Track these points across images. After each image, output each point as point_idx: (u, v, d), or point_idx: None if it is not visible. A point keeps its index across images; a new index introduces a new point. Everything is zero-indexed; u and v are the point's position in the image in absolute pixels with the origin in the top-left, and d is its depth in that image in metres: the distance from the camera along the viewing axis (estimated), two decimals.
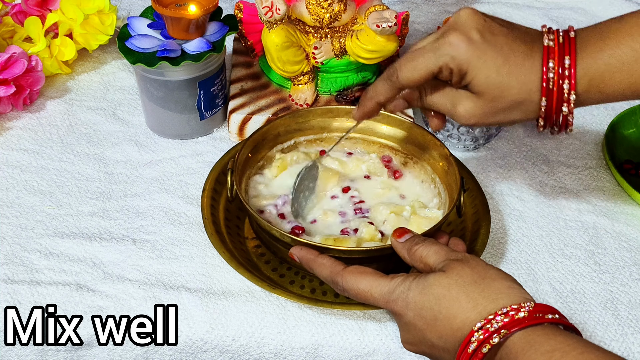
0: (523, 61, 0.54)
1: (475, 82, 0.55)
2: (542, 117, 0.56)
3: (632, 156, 0.82)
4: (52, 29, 0.87)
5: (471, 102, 0.57)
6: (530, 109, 0.56)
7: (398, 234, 0.58)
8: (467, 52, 0.54)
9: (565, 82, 0.54)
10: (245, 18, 0.81)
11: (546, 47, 0.55)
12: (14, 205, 0.71)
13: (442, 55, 0.55)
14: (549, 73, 0.54)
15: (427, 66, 0.56)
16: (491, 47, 0.54)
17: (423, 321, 0.51)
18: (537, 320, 0.47)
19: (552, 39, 0.55)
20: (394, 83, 0.58)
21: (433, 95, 0.60)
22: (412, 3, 1.10)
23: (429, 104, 0.60)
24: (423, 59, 0.56)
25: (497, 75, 0.54)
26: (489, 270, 0.52)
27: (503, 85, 0.55)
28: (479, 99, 0.56)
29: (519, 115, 0.57)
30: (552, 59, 0.54)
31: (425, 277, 0.52)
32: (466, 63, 0.55)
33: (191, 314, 0.62)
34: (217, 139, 0.81)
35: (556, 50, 0.54)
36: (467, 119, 0.57)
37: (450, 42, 0.55)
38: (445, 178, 0.68)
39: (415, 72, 0.57)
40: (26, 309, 0.61)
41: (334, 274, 0.56)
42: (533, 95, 0.55)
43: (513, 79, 0.55)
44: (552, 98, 0.55)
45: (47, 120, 0.83)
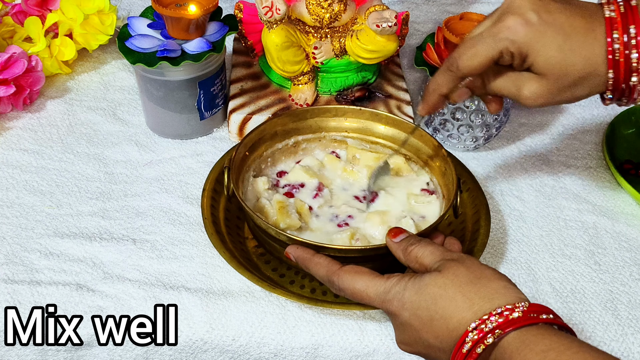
0: (585, 36, 0.54)
1: (538, 63, 0.55)
2: (610, 90, 0.55)
3: (632, 156, 0.82)
4: (52, 29, 0.87)
5: (536, 83, 0.56)
6: (596, 82, 0.55)
7: (393, 234, 0.58)
8: (526, 34, 0.54)
9: (633, 51, 0.53)
10: (245, 18, 0.81)
11: (608, 18, 0.54)
12: (14, 205, 0.71)
13: (501, 39, 0.55)
14: (614, 44, 0.53)
15: (487, 52, 0.55)
16: (550, 26, 0.54)
17: (419, 321, 0.51)
18: (531, 320, 0.47)
19: (613, 10, 0.54)
20: (454, 73, 0.58)
21: (496, 81, 0.59)
22: (412, 3, 1.10)
23: (493, 90, 0.60)
24: (482, 45, 0.55)
25: (559, 54, 0.54)
26: (484, 270, 0.52)
27: (566, 63, 0.54)
28: (543, 79, 0.55)
29: (586, 90, 0.56)
30: (616, 29, 0.53)
31: (421, 277, 0.52)
32: (526, 45, 0.54)
33: (191, 314, 0.62)
34: (217, 139, 0.81)
35: (619, 20, 0.53)
36: (534, 100, 0.57)
37: (507, 26, 0.54)
38: (443, 179, 0.68)
39: (475, 60, 0.56)
40: (26, 309, 0.61)
41: (330, 274, 0.56)
42: (599, 68, 0.54)
43: (576, 55, 0.54)
44: (619, 69, 0.54)
45: (47, 120, 0.83)
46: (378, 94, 0.82)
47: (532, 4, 0.55)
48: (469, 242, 0.67)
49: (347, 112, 0.73)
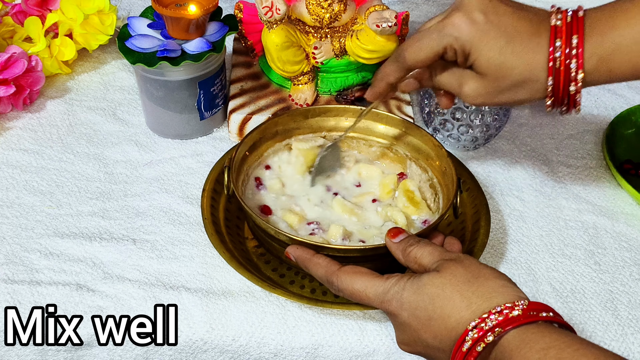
0: (528, 41, 0.55)
1: (478, 62, 0.56)
2: (549, 97, 0.56)
3: (632, 156, 0.82)
4: (52, 29, 0.87)
5: (476, 82, 0.57)
6: (536, 88, 0.56)
7: (392, 234, 0.58)
8: (469, 33, 0.55)
9: (572, 61, 0.54)
10: (245, 18, 0.81)
11: (553, 26, 0.55)
12: (14, 205, 0.71)
13: (446, 35, 0.56)
14: (556, 52, 0.54)
15: (432, 46, 0.57)
16: (494, 27, 0.55)
17: (417, 321, 0.51)
18: (531, 318, 0.47)
19: (560, 19, 0.55)
20: (401, 63, 0.60)
21: (441, 75, 0.60)
22: (412, 3, 1.10)
23: (438, 84, 0.61)
24: (428, 39, 0.57)
25: (500, 55, 0.55)
26: (482, 269, 0.52)
27: (506, 65, 0.55)
28: (483, 79, 0.57)
29: (525, 94, 0.57)
30: (559, 38, 0.54)
31: (420, 277, 0.52)
32: (469, 44, 0.55)
33: (191, 314, 0.62)
34: (217, 139, 0.81)
35: (564, 29, 0.54)
36: (473, 98, 0.58)
37: (453, 22, 0.56)
38: (443, 178, 0.68)
39: (420, 53, 0.57)
40: (26, 309, 0.61)
41: (329, 274, 0.56)
42: (539, 74, 0.55)
43: (516, 58, 0.55)
44: (559, 77, 0.55)
45: (47, 120, 0.83)
46: None
47: (481, 4, 0.56)
48: (469, 242, 0.67)
49: (348, 112, 0.73)
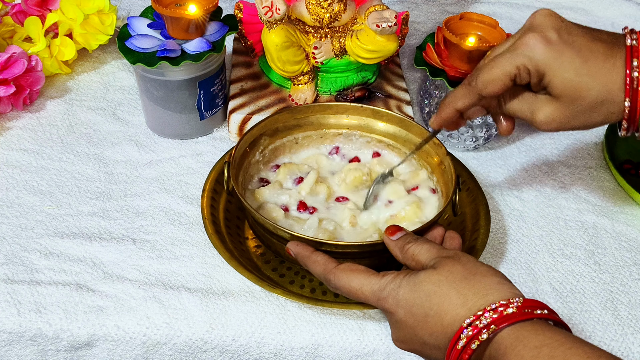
0: (604, 62, 0.54)
1: (554, 83, 0.54)
2: (626, 119, 0.55)
3: (632, 156, 0.82)
4: (52, 29, 0.87)
5: (551, 107, 0.56)
6: (612, 110, 0.55)
7: (390, 231, 0.58)
8: (544, 52, 0.54)
9: None
10: (245, 18, 0.81)
11: (629, 46, 0.54)
12: (14, 205, 0.71)
13: (519, 55, 0.54)
14: (633, 72, 0.53)
15: (505, 68, 0.55)
16: (569, 47, 0.54)
17: (414, 318, 0.51)
18: (525, 315, 0.47)
19: (636, 38, 0.54)
20: (473, 88, 0.58)
21: (512, 102, 0.59)
22: (412, 3, 1.10)
23: (509, 111, 0.59)
24: (500, 60, 0.55)
25: (576, 76, 0.53)
26: (479, 267, 0.52)
27: (582, 86, 0.54)
28: (558, 102, 0.55)
29: (600, 117, 0.55)
30: (636, 57, 0.53)
31: (416, 274, 0.52)
32: (543, 64, 0.54)
33: (191, 314, 0.62)
34: (217, 139, 0.81)
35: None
36: (548, 124, 0.57)
37: (526, 42, 0.54)
38: (442, 176, 0.68)
39: (493, 75, 0.56)
40: (26, 309, 0.61)
41: (327, 272, 0.57)
42: (615, 95, 0.54)
43: (593, 79, 0.53)
44: (636, 98, 0.53)
45: (47, 120, 0.83)
46: (378, 94, 0.82)
47: (554, 23, 0.55)
48: (468, 242, 0.67)
49: (349, 110, 0.73)
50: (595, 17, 1.09)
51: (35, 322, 0.60)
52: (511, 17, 1.06)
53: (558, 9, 1.09)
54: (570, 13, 1.09)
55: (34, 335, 0.60)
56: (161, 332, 0.61)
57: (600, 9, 1.10)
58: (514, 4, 1.10)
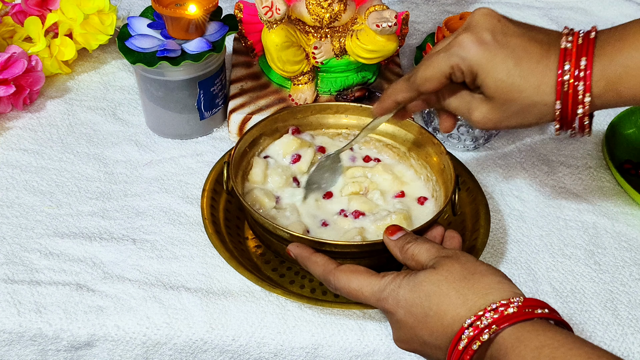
0: (537, 64, 0.53)
1: (486, 84, 0.54)
2: (558, 120, 0.55)
3: (632, 156, 0.82)
4: (52, 28, 0.87)
5: (486, 107, 0.56)
6: (544, 111, 0.55)
7: (390, 231, 0.58)
8: (477, 53, 0.54)
9: (580, 83, 0.53)
10: (245, 18, 0.81)
11: (563, 49, 0.53)
12: (14, 205, 0.71)
13: (453, 55, 0.55)
14: (564, 75, 0.53)
15: (440, 66, 0.55)
16: (503, 48, 0.54)
17: (414, 318, 0.51)
18: (526, 315, 0.47)
19: (571, 41, 0.54)
20: (412, 84, 0.58)
21: (450, 100, 0.59)
22: (412, 3, 1.10)
23: (447, 107, 0.60)
24: (436, 59, 0.56)
25: (508, 78, 0.54)
26: (478, 266, 0.52)
27: (514, 87, 0.54)
28: (492, 103, 0.55)
29: (533, 118, 0.56)
30: (569, 60, 0.53)
31: (416, 275, 0.52)
32: (476, 65, 0.54)
33: (191, 314, 0.62)
34: (217, 139, 0.81)
35: (574, 52, 0.53)
36: (483, 124, 0.57)
37: (460, 42, 0.54)
38: (442, 176, 0.68)
39: (428, 72, 0.56)
40: (26, 309, 0.61)
41: (327, 273, 0.57)
42: (547, 97, 0.54)
43: (525, 81, 0.54)
44: (567, 101, 0.53)
45: (47, 120, 0.83)
46: (378, 94, 0.82)
47: (490, 24, 0.54)
48: (469, 241, 0.67)
49: (348, 109, 0.73)
50: (596, 17, 1.09)
51: (35, 322, 0.61)
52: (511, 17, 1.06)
53: (558, 9, 1.10)
54: (571, 13, 1.09)
55: (34, 335, 0.60)
56: (161, 332, 0.61)
57: (600, 9, 1.10)
58: (513, 4, 1.10)
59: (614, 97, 0.54)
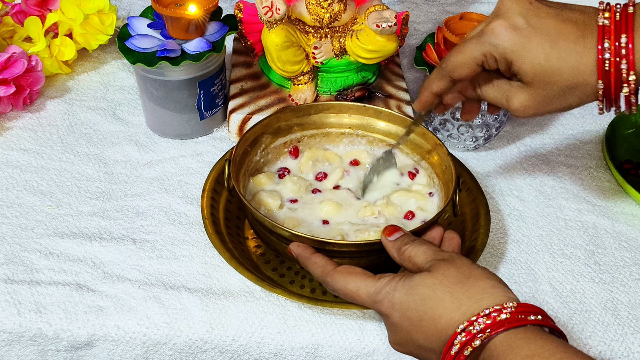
0: (574, 44, 0.52)
1: (524, 70, 0.53)
2: (601, 100, 0.53)
3: (632, 156, 0.82)
4: (52, 29, 0.87)
5: (524, 93, 0.54)
6: (586, 92, 0.53)
7: (388, 232, 0.58)
8: (510, 39, 0.52)
9: (622, 61, 0.50)
10: (245, 18, 0.81)
11: (601, 26, 0.51)
12: (14, 205, 0.71)
13: (485, 42, 0.53)
14: (605, 53, 0.51)
15: (472, 54, 0.54)
16: (537, 32, 0.52)
17: (409, 322, 0.51)
18: (519, 322, 0.47)
19: (608, 17, 0.52)
20: (442, 70, 0.57)
21: (486, 89, 0.58)
22: (412, 3, 1.10)
23: (484, 97, 0.59)
24: (468, 47, 0.54)
25: (546, 61, 0.52)
26: (474, 270, 0.52)
27: (552, 70, 0.52)
28: (530, 89, 0.54)
29: (576, 100, 0.54)
30: (608, 38, 0.51)
31: (411, 278, 0.52)
32: (510, 51, 0.52)
33: (191, 314, 0.62)
34: (217, 139, 0.81)
35: (612, 28, 0.51)
36: (523, 111, 0.55)
37: (492, 29, 0.53)
38: (443, 176, 0.68)
39: (459, 60, 0.55)
40: (26, 309, 0.61)
41: (325, 274, 0.57)
42: (588, 78, 0.52)
43: (563, 63, 0.52)
44: (609, 80, 0.52)
45: (47, 120, 0.83)
46: (378, 94, 0.82)
47: (522, 7, 0.53)
48: (469, 242, 0.67)
49: (351, 109, 0.73)
50: None
51: (35, 322, 0.61)
52: None
53: None
54: None
55: (34, 335, 0.61)
56: (161, 332, 0.61)
57: None
58: None
59: None
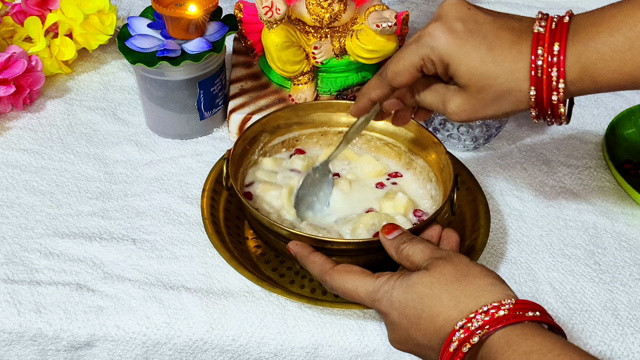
0: (509, 49, 0.52)
1: (459, 73, 0.53)
2: (533, 107, 0.53)
3: (632, 156, 0.82)
4: (52, 28, 0.87)
5: (460, 97, 0.54)
6: (519, 98, 0.53)
7: (386, 230, 0.58)
8: (447, 42, 0.52)
9: (554, 69, 0.51)
10: (245, 18, 0.81)
11: (536, 33, 0.51)
12: (14, 205, 0.71)
13: (423, 46, 0.53)
14: (538, 60, 0.51)
15: (411, 59, 0.54)
16: (474, 36, 0.52)
17: (407, 320, 0.52)
18: (517, 318, 0.47)
19: (544, 25, 0.52)
20: (383, 79, 0.57)
21: (424, 94, 0.58)
22: (412, 3, 1.10)
23: (422, 103, 0.59)
24: (406, 51, 0.55)
25: (481, 65, 0.52)
26: (471, 268, 0.52)
27: (487, 74, 0.52)
28: (466, 92, 0.54)
29: (509, 106, 0.54)
30: (542, 45, 0.51)
31: (409, 276, 0.52)
32: (447, 54, 0.53)
33: (191, 314, 0.62)
34: (217, 139, 0.81)
35: (547, 36, 0.51)
36: (458, 115, 0.55)
37: (429, 32, 0.53)
38: (441, 175, 0.68)
39: (398, 66, 0.55)
40: (26, 309, 0.61)
41: (323, 273, 0.57)
42: (521, 84, 0.52)
43: (498, 67, 0.52)
44: (541, 87, 0.52)
45: (47, 120, 0.83)
46: None
47: (460, 12, 0.53)
48: (469, 241, 0.67)
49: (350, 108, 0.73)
50: None
51: (35, 322, 0.61)
52: None
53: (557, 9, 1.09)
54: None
55: (34, 335, 0.61)
56: (161, 332, 0.61)
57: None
58: (513, 4, 1.10)
59: (589, 83, 0.52)
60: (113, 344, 0.61)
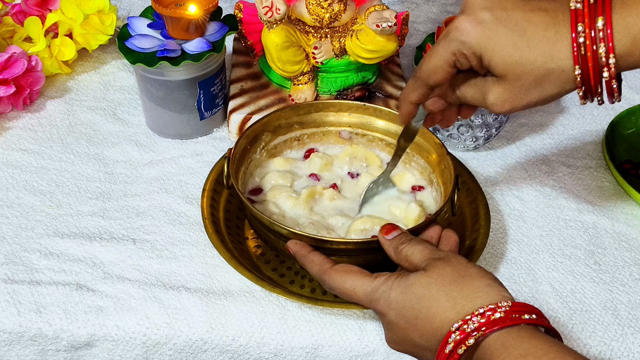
0: (544, 31, 0.50)
1: (493, 63, 0.52)
2: (580, 87, 0.51)
3: (632, 156, 0.82)
4: (52, 29, 0.87)
5: (499, 87, 0.53)
6: (563, 79, 0.51)
7: (385, 230, 0.58)
8: (476, 34, 0.51)
9: (600, 45, 0.49)
10: (245, 18, 0.81)
11: (573, 10, 0.49)
12: (14, 205, 0.71)
13: (452, 41, 0.52)
14: (579, 38, 0.49)
15: (442, 55, 0.53)
16: (503, 24, 0.51)
17: (404, 320, 0.52)
18: (513, 321, 0.47)
19: (581, 1, 0.50)
20: (418, 79, 0.56)
21: (464, 88, 0.56)
22: (412, 3, 1.10)
23: (462, 98, 0.57)
24: (437, 50, 0.54)
25: (515, 52, 0.50)
26: (469, 269, 0.52)
27: (523, 60, 0.51)
28: (504, 82, 0.52)
29: (554, 88, 0.52)
30: (581, 21, 0.49)
31: (407, 277, 0.52)
32: (478, 46, 0.51)
33: (191, 314, 0.62)
34: (217, 139, 0.81)
35: (585, 11, 0.49)
36: (500, 106, 0.53)
37: (457, 26, 0.52)
38: (442, 176, 0.68)
39: (431, 63, 0.54)
40: (26, 309, 0.61)
41: (322, 272, 0.57)
42: (563, 63, 0.50)
43: (534, 51, 0.50)
44: (586, 64, 0.49)
45: (47, 120, 0.83)
46: (378, 94, 0.82)
47: (486, 2, 0.52)
48: (469, 241, 0.67)
49: (351, 108, 0.73)
50: None
51: (35, 322, 0.61)
52: None
53: None
54: None
55: (34, 335, 0.60)
56: (161, 332, 0.61)
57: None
58: None
59: None
60: (113, 344, 0.61)
